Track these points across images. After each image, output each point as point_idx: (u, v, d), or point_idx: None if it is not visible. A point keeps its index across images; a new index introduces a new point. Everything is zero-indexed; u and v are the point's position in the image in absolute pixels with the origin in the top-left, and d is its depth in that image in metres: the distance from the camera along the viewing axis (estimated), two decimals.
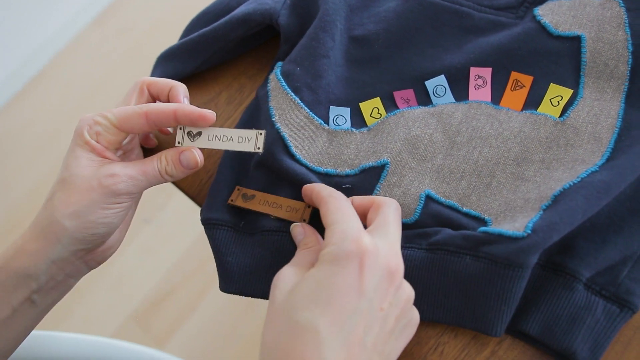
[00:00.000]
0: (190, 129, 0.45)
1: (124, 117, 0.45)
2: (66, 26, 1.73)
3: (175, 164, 0.46)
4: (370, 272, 0.36)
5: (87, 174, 0.44)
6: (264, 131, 0.44)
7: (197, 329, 1.30)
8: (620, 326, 0.41)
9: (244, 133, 0.44)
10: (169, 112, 0.44)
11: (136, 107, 0.45)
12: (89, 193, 0.43)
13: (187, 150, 0.46)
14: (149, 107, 0.44)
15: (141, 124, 0.44)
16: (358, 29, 0.53)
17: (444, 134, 0.48)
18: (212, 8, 0.58)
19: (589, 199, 0.40)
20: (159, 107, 0.44)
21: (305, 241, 0.43)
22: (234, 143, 0.44)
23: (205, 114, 0.45)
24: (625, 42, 0.46)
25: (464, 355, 0.43)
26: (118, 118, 0.45)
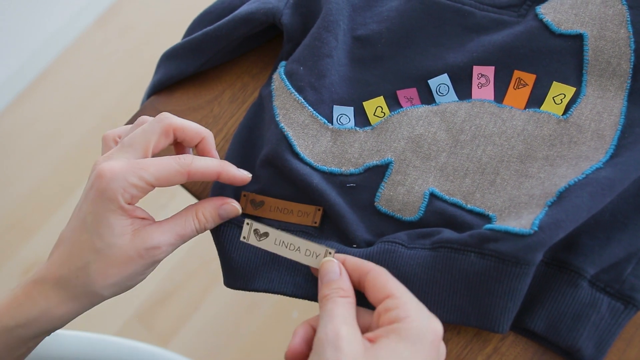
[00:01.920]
0: (257, 227, 0.44)
1: (164, 178, 0.42)
2: (68, 26, 1.73)
3: (214, 219, 0.46)
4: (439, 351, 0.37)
5: (124, 244, 0.42)
6: (333, 250, 0.42)
7: (200, 328, 1.30)
8: (625, 323, 0.41)
9: (313, 247, 0.42)
10: (212, 174, 0.44)
11: (177, 167, 0.42)
12: (128, 265, 0.42)
13: (226, 205, 0.46)
14: (192, 167, 0.43)
15: (181, 181, 0.43)
16: (361, 29, 0.53)
17: (447, 132, 0.48)
18: (215, 7, 0.58)
19: (593, 195, 0.40)
20: (203, 168, 0.43)
21: (342, 286, 0.39)
22: (301, 255, 0.43)
23: (245, 178, 0.46)
24: (628, 40, 0.46)
25: (467, 351, 0.44)
26: (157, 179, 0.42)
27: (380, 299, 0.38)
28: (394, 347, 0.35)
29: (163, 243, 0.43)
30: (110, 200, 0.41)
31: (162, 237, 0.43)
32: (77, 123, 1.63)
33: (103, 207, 0.41)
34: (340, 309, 0.37)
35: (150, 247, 0.42)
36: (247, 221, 0.44)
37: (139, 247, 0.42)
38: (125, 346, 0.67)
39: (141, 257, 0.42)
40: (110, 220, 0.41)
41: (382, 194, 0.47)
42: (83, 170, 1.53)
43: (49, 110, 1.68)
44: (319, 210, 0.46)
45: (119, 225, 0.41)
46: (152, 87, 0.59)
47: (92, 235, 0.41)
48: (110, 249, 0.41)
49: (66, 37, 1.74)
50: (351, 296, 0.39)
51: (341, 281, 0.39)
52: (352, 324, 0.36)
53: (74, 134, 1.62)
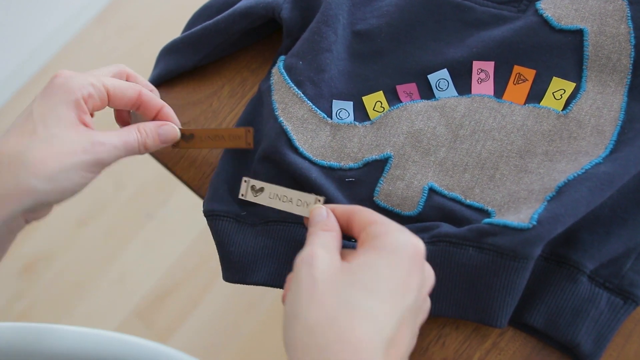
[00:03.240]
0: (254, 184, 0.47)
1: (119, 88, 0.45)
2: (68, 24, 1.73)
3: (154, 136, 0.47)
4: (423, 270, 0.36)
5: (70, 136, 0.41)
6: (322, 197, 0.44)
7: (199, 325, 1.30)
8: (624, 318, 0.41)
9: (303, 197, 0.45)
10: (156, 106, 0.48)
11: (131, 84, 0.46)
12: (70, 157, 0.40)
13: (166, 125, 0.48)
14: (143, 89, 0.47)
15: (130, 101, 0.46)
16: (360, 23, 0.53)
17: (447, 127, 0.48)
18: (214, 1, 0.58)
19: (592, 190, 0.40)
20: (152, 96, 0.48)
21: (327, 222, 0.40)
22: (293, 205, 0.45)
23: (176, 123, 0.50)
24: (628, 36, 0.46)
25: (466, 346, 0.44)
26: (114, 87, 0.44)
27: (363, 228, 0.38)
28: (369, 259, 0.35)
29: (107, 141, 0.43)
30: (66, 93, 0.41)
31: (109, 138, 0.43)
32: None
33: (57, 98, 0.41)
34: (320, 237, 0.38)
35: (96, 141, 0.42)
36: (244, 179, 0.47)
37: (83, 141, 0.41)
38: (126, 342, 0.67)
39: (85, 151, 0.41)
40: (61, 111, 0.41)
41: (381, 188, 0.47)
42: None
43: None
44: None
45: (68, 119, 0.41)
46: (151, 82, 0.59)
47: (37, 124, 0.40)
48: (53, 138, 0.40)
49: (65, 34, 1.74)
50: (334, 230, 0.39)
51: (327, 220, 0.40)
52: (330, 248, 0.37)
53: None
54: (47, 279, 1.41)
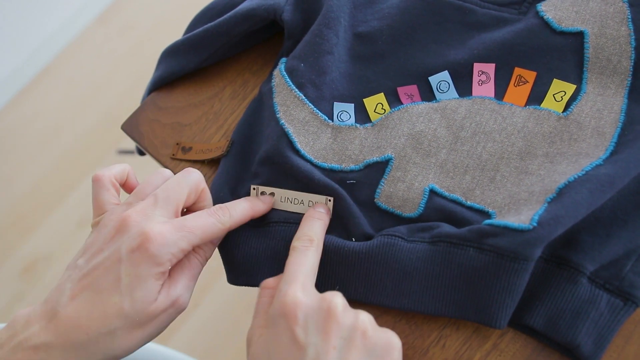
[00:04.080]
0: (263, 190, 0.48)
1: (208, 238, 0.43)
2: (69, 24, 1.73)
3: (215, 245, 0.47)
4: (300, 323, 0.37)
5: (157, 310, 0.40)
6: (332, 198, 0.46)
7: (200, 326, 1.30)
8: (624, 320, 0.41)
9: (314, 198, 0.47)
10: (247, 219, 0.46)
11: (220, 225, 0.43)
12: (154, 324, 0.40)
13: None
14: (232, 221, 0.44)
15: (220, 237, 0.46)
16: (362, 26, 0.53)
17: (447, 129, 0.48)
18: (216, 3, 0.59)
19: (593, 192, 0.40)
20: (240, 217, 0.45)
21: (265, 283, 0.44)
22: (305, 207, 0.47)
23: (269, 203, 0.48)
24: (628, 38, 0.46)
25: (466, 348, 0.44)
26: (202, 240, 0.42)
27: None
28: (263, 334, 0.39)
29: (183, 296, 0.42)
30: (157, 265, 0.39)
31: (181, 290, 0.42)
32: (78, 121, 1.63)
33: (147, 270, 0.39)
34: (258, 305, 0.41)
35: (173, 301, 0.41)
36: (252, 186, 0.48)
37: (166, 307, 0.40)
38: None
39: (169, 315, 0.41)
40: (149, 284, 0.39)
41: (382, 190, 0.47)
42: (83, 168, 1.53)
43: (50, 108, 1.68)
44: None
45: (154, 290, 0.40)
46: (153, 84, 0.59)
47: (124, 298, 0.39)
48: (139, 315, 0.39)
49: (67, 34, 1.74)
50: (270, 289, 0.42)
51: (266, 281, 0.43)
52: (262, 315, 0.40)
53: (74, 132, 1.62)
54: (47, 279, 1.41)
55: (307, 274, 0.41)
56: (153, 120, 0.57)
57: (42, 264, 1.43)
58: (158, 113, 0.57)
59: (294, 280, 0.40)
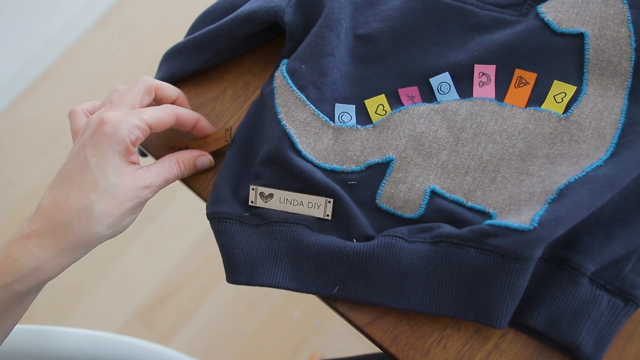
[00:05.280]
0: (262, 190, 0.49)
1: (159, 119, 0.47)
2: (70, 26, 1.74)
3: (191, 168, 0.52)
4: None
5: (128, 184, 0.45)
6: (332, 200, 0.47)
7: (200, 327, 1.30)
8: (624, 320, 0.41)
9: (314, 199, 0.47)
10: (193, 119, 0.51)
11: (168, 109, 0.48)
12: (126, 203, 0.45)
13: (203, 157, 0.52)
14: (179, 111, 0.49)
15: (171, 124, 0.49)
16: (363, 27, 0.54)
17: (448, 130, 0.48)
18: (218, 5, 0.59)
19: (593, 193, 0.40)
20: (186, 113, 0.50)
21: None
22: (304, 208, 0.48)
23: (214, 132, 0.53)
24: (628, 39, 0.47)
25: (467, 348, 0.44)
26: (155, 120, 0.47)
27: None
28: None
29: (153, 183, 0.47)
30: (117, 142, 0.44)
31: (152, 178, 0.47)
32: None
33: (110, 148, 0.44)
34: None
35: (144, 186, 0.46)
36: (252, 187, 0.49)
37: (135, 186, 0.45)
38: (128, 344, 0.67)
39: (137, 195, 0.45)
40: (116, 160, 0.44)
41: (383, 191, 0.47)
42: None
43: (51, 110, 1.68)
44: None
45: (122, 166, 0.45)
46: None
47: (97, 175, 0.44)
48: (114, 188, 0.44)
49: (68, 37, 1.75)
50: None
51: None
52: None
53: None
54: None
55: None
56: None
57: None
58: None
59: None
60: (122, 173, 0.45)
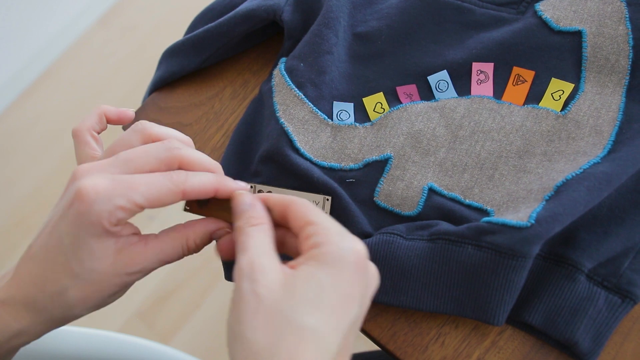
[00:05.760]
0: (261, 188, 0.48)
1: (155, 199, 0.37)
2: (70, 26, 1.74)
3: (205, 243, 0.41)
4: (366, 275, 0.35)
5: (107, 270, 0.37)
6: (330, 197, 0.47)
7: (201, 326, 1.30)
8: (622, 317, 0.41)
9: (312, 197, 0.47)
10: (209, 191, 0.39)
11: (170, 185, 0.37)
12: (108, 289, 0.38)
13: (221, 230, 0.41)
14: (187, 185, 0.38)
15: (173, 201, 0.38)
16: (361, 26, 0.54)
17: (446, 128, 0.48)
18: (216, 4, 0.59)
19: (591, 190, 0.41)
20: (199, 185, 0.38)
21: (252, 214, 0.37)
22: None
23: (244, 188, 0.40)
24: (626, 37, 0.47)
25: (465, 345, 0.44)
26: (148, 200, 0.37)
27: (301, 226, 0.36)
28: (312, 272, 0.33)
29: (145, 269, 0.39)
30: (92, 225, 0.36)
31: (145, 263, 0.38)
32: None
33: (84, 230, 0.36)
34: (252, 239, 0.35)
35: (132, 272, 0.38)
36: (250, 185, 0.47)
37: (120, 272, 0.38)
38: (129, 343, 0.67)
39: (123, 281, 0.38)
40: (92, 244, 0.36)
41: (381, 189, 0.47)
42: None
43: (52, 110, 1.68)
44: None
45: (101, 249, 0.37)
46: (153, 84, 0.59)
47: (70, 259, 0.37)
48: (90, 274, 0.37)
49: (68, 37, 1.75)
50: (265, 223, 0.36)
51: (253, 210, 0.37)
52: (267, 252, 0.34)
53: None
54: None
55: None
56: (154, 120, 0.57)
57: None
58: (159, 113, 0.58)
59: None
60: (101, 257, 0.37)
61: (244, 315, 0.32)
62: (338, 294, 0.33)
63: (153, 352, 0.67)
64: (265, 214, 0.37)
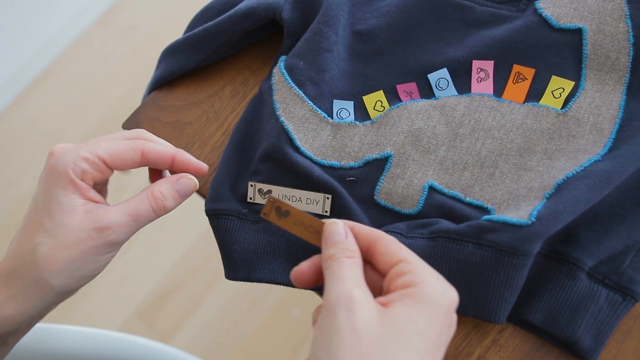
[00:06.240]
0: (261, 187, 0.48)
1: (116, 153, 0.40)
2: (70, 26, 1.74)
3: (173, 195, 0.43)
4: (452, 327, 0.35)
5: (75, 223, 0.39)
6: (330, 196, 0.47)
7: (201, 325, 1.30)
8: (623, 315, 0.41)
9: (312, 196, 0.47)
10: (167, 155, 0.42)
11: (131, 143, 0.41)
12: (77, 247, 0.39)
13: (182, 179, 0.43)
14: (146, 146, 0.41)
15: (134, 161, 0.41)
16: (361, 24, 0.54)
17: (446, 126, 0.48)
18: (216, 2, 0.59)
19: (591, 187, 0.40)
20: (156, 149, 0.42)
21: (347, 246, 0.36)
22: (303, 204, 0.48)
23: (201, 167, 0.44)
24: (626, 34, 0.47)
25: (466, 343, 0.44)
26: (110, 154, 0.40)
27: (392, 264, 0.35)
28: (409, 312, 0.33)
29: (114, 223, 0.39)
30: (60, 175, 0.39)
31: (113, 217, 0.39)
32: (79, 122, 1.64)
33: (53, 183, 0.39)
34: (349, 270, 0.34)
35: (100, 227, 0.39)
36: (250, 183, 0.48)
37: (88, 227, 0.39)
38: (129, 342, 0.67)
39: (91, 238, 0.39)
40: (60, 197, 0.39)
41: (381, 187, 0.47)
42: None
43: (51, 110, 1.68)
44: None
45: (69, 203, 0.39)
46: (153, 83, 0.59)
47: (43, 214, 0.39)
48: (59, 228, 0.38)
49: (68, 36, 1.75)
50: (358, 257, 0.36)
51: (347, 242, 0.36)
52: (363, 286, 0.34)
53: (75, 134, 1.62)
54: None
55: None
56: (154, 119, 0.57)
57: None
58: (159, 112, 0.58)
59: None
60: (71, 212, 0.38)
61: (339, 349, 0.31)
62: (432, 337, 0.33)
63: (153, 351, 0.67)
64: (357, 249, 0.36)
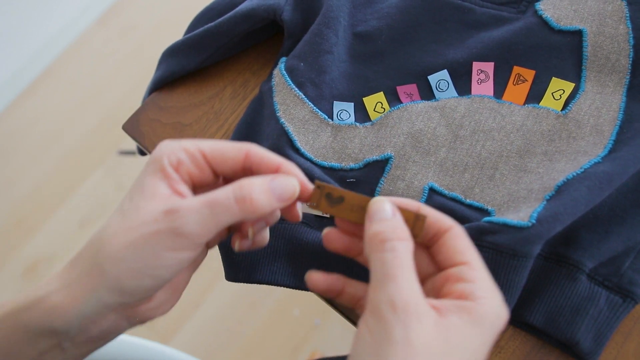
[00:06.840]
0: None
1: (218, 149, 0.36)
2: (70, 26, 1.74)
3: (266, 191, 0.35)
4: None
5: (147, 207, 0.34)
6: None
7: (201, 326, 1.30)
8: (623, 316, 0.41)
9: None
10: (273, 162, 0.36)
11: (236, 144, 0.37)
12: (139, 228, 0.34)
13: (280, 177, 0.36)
14: (253, 147, 0.37)
15: (236, 160, 0.36)
16: (361, 25, 0.54)
17: (447, 127, 0.48)
18: (216, 3, 0.59)
19: (591, 189, 0.40)
20: (265, 151, 0.37)
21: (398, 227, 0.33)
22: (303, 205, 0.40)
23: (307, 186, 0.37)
24: (627, 36, 0.47)
25: None
26: (212, 149, 0.36)
27: (455, 263, 0.33)
28: (466, 331, 0.31)
29: (183, 207, 0.34)
30: (154, 162, 0.35)
31: (185, 201, 0.34)
32: (79, 122, 1.64)
33: (146, 169, 0.36)
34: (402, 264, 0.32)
35: (167, 209, 0.34)
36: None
37: (156, 210, 0.34)
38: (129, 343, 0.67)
39: (156, 220, 0.34)
40: (146, 181, 0.35)
41: (381, 188, 0.47)
42: (85, 170, 1.54)
43: (51, 110, 1.68)
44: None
45: (152, 189, 0.35)
46: (153, 84, 0.59)
47: (126, 198, 0.36)
48: (131, 210, 0.35)
49: (68, 36, 1.75)
50: (409, 240, 0.33)
51: (396, 220, 0.33)
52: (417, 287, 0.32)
53: (75, 134, 1.62)
54: None
55: None
56: (154, 120, 0.57)
57: (44, 265, 1.43)
58: (159, 113, 0.58)
59: None
60: (150, 197, 0.34)
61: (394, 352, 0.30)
62: (480, 357, 0.32)
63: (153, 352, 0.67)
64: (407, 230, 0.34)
